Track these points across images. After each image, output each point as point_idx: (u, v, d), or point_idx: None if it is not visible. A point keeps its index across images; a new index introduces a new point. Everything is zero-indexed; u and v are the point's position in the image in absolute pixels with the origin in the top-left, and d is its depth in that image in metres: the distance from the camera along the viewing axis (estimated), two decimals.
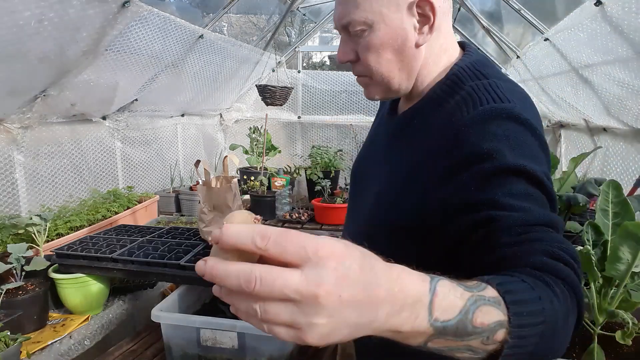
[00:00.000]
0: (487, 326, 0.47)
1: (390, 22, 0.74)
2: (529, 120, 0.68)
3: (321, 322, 0.38)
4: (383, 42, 0.75)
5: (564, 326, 0.53)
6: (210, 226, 1.49)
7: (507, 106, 0.68)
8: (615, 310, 0.95)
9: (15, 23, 1.45)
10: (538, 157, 0.67)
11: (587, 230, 1.02)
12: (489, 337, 0.48)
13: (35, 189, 2.18)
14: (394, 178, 0.81)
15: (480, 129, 0.67)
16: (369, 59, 0.78)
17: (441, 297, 0.45)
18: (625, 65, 1.84)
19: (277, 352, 1.18)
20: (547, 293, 0.52)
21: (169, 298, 1.34)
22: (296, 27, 3.99)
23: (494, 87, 0.72)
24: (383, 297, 0.41)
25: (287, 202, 3.12)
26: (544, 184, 0.65)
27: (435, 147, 0.73)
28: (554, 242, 0.59)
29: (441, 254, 0.69)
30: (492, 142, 0.65)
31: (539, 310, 0.50)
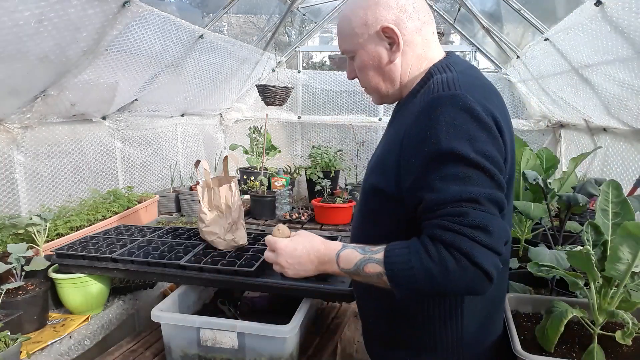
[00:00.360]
0: (372, 273, 0.87)
1: (367, 49, 0.98)
2: (470, 104, 0.82)
3: (287, 270, 0.97)
4: (365, 64, 1.00)
5: (443, 273, 0.78)
6: (210, 226, 1.49)
7: (450, 93, 0.84)
8: (615, 310, 0.95)
9: (15, 23, 1.45)
10: (476, 137, 0.81)
11: (587, 230, 1.02)
12: (379, 278, 0.86)
13: (35, 189, 2.18)
14: (379, 155, 1.02)
15: (426, 115, 0.84)
16: (360, 77, 1.04)
17: (343, 258, 0.92)
18: (625, 65, 1.84)
19: (277, 352, 1.18)
20: (420, 255, 0.80)
21: (169, 298, 1.33)
22: (296, 27, 3.99)
23: (449, 79, 0.88)
24: (308, 260, 0.96)
25: (287, 202, 3.12)
26: (477, 163, 0.80)
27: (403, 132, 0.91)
28: (455, 216, 0.79)
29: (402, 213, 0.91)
30: (434, 129, 0.82)
31: (407, 266, 0.81)
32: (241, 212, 1.50)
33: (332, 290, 1.28)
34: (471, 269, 0.77)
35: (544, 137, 3.56)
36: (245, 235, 1.53)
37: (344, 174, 3.64)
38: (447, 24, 3.70)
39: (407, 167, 0.88)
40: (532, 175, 1.34)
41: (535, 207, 1.37)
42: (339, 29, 1.03)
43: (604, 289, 1.00)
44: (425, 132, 0.83)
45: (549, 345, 0.97)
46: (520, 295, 1.22)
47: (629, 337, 0.91)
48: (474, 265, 0.76)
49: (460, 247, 0.77)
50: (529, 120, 3.56)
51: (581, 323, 1.05)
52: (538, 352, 0.98)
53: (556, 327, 0.96)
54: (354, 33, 0.98)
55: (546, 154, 1.57)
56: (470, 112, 0.82)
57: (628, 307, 0.98)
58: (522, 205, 1.38)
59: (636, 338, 1.00)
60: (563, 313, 0.97)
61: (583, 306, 1.02)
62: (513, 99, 3.69)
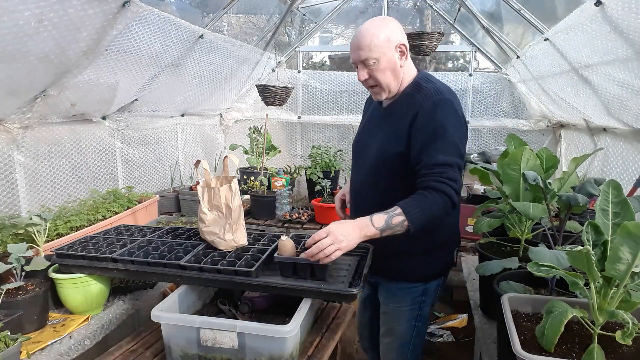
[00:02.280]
0: (397, 223, 1.31)
1: (388, 56, 1.45)
2: (454, 104, 1.44)
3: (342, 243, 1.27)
4: (386, 67, 1.46)
5: (437, 206, 1.34)
6: (210, 226, 1.49)
7: (443, 97, 1.43)
8: (615, 310, 0.95)
9: (16, 23, 1.45)
10: (456, 126, 1.42)
11: (587, 230, 1.01)
12: (402, 225, 1.31)
13: (35, 189, 2.18)
14: (389, 134, 1.52)
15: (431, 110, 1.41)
16: (379, 77, 1.48)
17: (375, 220, 1.32)
18: (625, 65, 1.84)
19: (277, 352, 1.18)
20: (425, 200, 1.34)
21: (169, 298, 1.33)
22: (296, 27, 3.99)
23: (437, 88, 1.48)
24: (353, 230, 1.30)
25: (287, 202, 3.12)
26: (455, 143, 1.40)
27: (411, 118, 1.44)
28: (438, 174, 1.35)
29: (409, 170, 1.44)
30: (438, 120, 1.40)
31: (419, 210, 1.32)
32: (241, 212, 1.50)
33: (332, 290, 1.28)
34: (448, 201, 1.35)
35: (544, 137, 3.56)
36: (245, 235, 1.53)
37: (344, 174, 3.64)
38: (447, 24, 3.70)
39: (416, 139, 1.42)
40: (532, 176, 1.34)
41: (535, 207, 1.37)
42: (364, 42, 1.44)
43: (604, 289, 1.00)
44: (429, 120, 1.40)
45: (549, 345, 0.97)
46: (520, 295, 1.22)
47: (629, 337, 0.91)
48: (450, 199, 1.35)
49: (444, 191, 1.35)
50: (529, 120, 3.56)
51: (581, 323, 1.05)
52: (538, 352, 0.97)
53: (556, 327, 0.96)
54: (380, 45, 1.43)
55: (546, 154, 1.56)
56: (454, 110, 1.43)
57: (628, 307, 0.98)
58: (522, 206, 1.38)
59: (636, 338, 1.00)
60: (563, 313, 0.97)
61: (583, 306, 1.02)
62: (513, 99, 3.69)
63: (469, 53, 3.82)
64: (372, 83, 1.50)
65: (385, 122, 1.56)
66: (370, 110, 1.72)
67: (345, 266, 1.49)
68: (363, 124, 1.75)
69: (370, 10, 4.00)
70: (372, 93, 1.56)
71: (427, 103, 1.42)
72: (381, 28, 1.44)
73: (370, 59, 1.44)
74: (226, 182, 1.52)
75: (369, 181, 1.58)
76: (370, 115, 1.70)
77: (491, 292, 1.37)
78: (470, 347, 2.95)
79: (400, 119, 1.47)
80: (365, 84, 1.52)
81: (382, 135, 1.54)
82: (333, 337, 1.41)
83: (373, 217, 1.33)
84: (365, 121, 1.74)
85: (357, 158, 1.68)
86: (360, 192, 1.63)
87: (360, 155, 1.65)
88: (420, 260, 1.57)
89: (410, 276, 1.60)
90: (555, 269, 1.03)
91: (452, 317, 3.34)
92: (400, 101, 1.52)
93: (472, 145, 3.81)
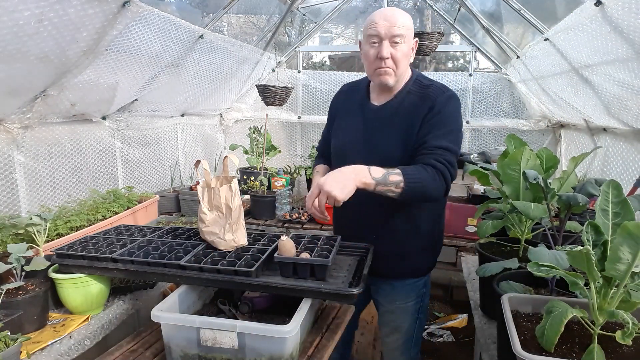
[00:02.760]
0: (393, 181, 1.37)
1: (409, 46, 1.54)
2: (458, 99, 1.57)
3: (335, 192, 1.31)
4: (406, 53, 1.54)
5: (433, 183, 1.41)
6: (210, 226, 1.49)
7: (454, 93, 1.57)
8: (615, 311, 0.95)
9: (16, 23, 1.45)
10: (460, 120, 1.57)
11: (587, 230, 1.01)
12: (397, 185, 1.38)
13: (35, 189, 2.18)
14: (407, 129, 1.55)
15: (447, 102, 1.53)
16: (399, 57, 1.51)
17: (373, 170, 1.38)
18: (625, 65, 1.84)
19: (277, 352, 1.18)
20: (424, 172, 1.41)
21: (169, 298, 1.33)
22: (296, 27, 3.99)
23: (443, 85, 1.59)
24: (347, 177, 1.35)
25: (287, 202, 3.12)
26: (458, 134, 1.55)
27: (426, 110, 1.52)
28: (439, 155, 1.45)
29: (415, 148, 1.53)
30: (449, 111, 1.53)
31: (417, 177, 1.39)
32: (241, 212, 1.50)
33: (332, 290, 1.28)
34: (443, 184, 1.44)
35: (544, 137, 3.56)
36: (246, 236, 1.53)
37: None
38: (447, 24, 3.70)
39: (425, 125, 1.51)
40: (532, 175, 1.34)
41: (535, 207, 1.37)
42: (400, 19, 1.49)
43: (604, 289, 1.00)
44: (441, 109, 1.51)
45: (549, 345, 0.97)
46: (520, 295, 1.22)
47: (629, 337, 0.91)
48: (445, 183, 1.45)
49: (442, 172, 1.43)
50: (529, 120, 3.56)
51: (581, 323, 1.05)
52: (538, 352, 0.97)
53: (556, 327, 0.96)
54: (411, 30, 1.53)
55: (546, 154, 1.56)
56: (460, 105, 1.59)
57: (628, 307, 0.98)
58: (522, 205, 1.38)
59: (636, 338, 1.00)
60: (563, 313, 0.97)
61: (583, 306, 1.02)
62: (513, 99, 3.69)
63: (469, 53, 3.82)
64: (390, 64, 1.50)
65: (396, 118, 1.58)
66: (358, 109, 1.68)
67: (345, 266, 1.49)
68: (353, 122, 1.68)
69: (370, 10, 4.00)
70: (380, 75, 1.53)
71: (441, 97, 1.52)
72: (409, 18, 1.54)
73: (401, 37, 1.47)
74: (226, 182, 1.52)
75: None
76: (363, 114, 1.67)
77: (491, 292, 1.37)
78: (470, 347, 2.95)
79: (415, 112, 1.53)
80: (383, 62, 1.49)
81: (396, 130, 1.56)
82: (333, 337, 1.41)
83: (371, 167, 1.38)
84: (356, 120, 1.68)
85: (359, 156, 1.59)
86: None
87: (367, 153, 1.59)
88: (424, 255, 1.72)
89: (417, 272, 1.72)
90: (555, 269, 1.03)
91: (452, 317, 3.34)
92: (408, 98, 1.58)
93: (472, 145, 3.81)
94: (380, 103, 1.64)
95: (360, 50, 1.64)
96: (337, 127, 1.76)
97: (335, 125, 1.77)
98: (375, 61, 1.51)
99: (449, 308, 3.56)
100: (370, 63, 1.55)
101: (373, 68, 1.54)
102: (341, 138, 1.71)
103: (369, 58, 1.55)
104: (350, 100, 1.74)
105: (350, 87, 1.82)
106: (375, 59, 1.51)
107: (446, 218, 2.65)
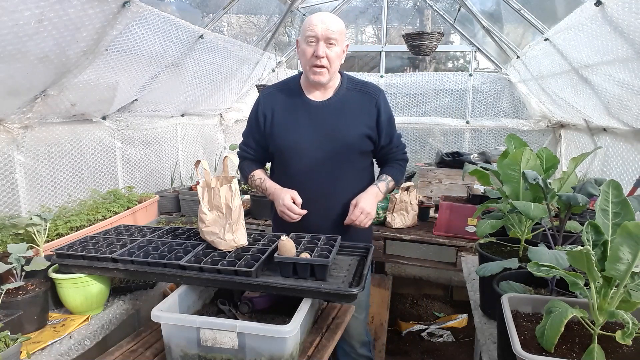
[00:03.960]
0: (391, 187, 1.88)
1: (342, 48, 1.73)
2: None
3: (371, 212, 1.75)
4: (338, 55, 1.72)
5: (404, 171, 1.95)
6: (210, 226, 1.49)
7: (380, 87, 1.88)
8: (616, 311, 0.95)
9: (16, 23, 1.45)
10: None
11: (587, 230, 1.01)
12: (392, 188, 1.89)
13: (35, 189, 2.18)
14: (355, 121, 1.77)
15: (384, 99, 1.84)
16: (333, 58, 1.68)
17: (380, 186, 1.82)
18: (625, 65, 1.84)
19: (277, 352, 1.18)
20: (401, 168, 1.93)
21: (169, 298, 1.33)
22: (296, 27, 3.99)
23: (371, 82, 1.87)
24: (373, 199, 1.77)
25: None
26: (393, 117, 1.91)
27: (374, 104, 1.80)
28: (402, 147, 1.94)
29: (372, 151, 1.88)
30: (389, 108, 1.87)
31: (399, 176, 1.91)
32: (241, 212, 1.50)
33: (332, 290, 1.28)
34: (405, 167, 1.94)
35: (544, 137, 3.56)
36: (246, 236, 1.53)
37: None
38: (447, 24, 3.70)
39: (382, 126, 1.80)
40: (532, 175, 1.34)
41: (535, 207, 1.37)
42: (334, 24, 1.66)
43: (604, 289, 1.00)
44: (386, 108, 1.83)
45: (549, 345, 0.97)
46: (520, 295, 1.22)
47: (629, 337, 0.91)
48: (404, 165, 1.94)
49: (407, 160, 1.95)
50: (529, 120, 3.56)
51: (581, 323, 1.05)
52: (538, 352, 0.97)
53: (556, 327, 0.96)
54: (343, 34, 1.72)
55: (546, 154, 1.56)
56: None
57: (628, 307, 0.98)
58: (522, 205, 1.38)
59: (636, 338, 1.00)
60: (563, 313, 0.97)
61: (583, 306, 1.02)
62: (513, 99, 3.69)
63: (469, 53, 3.82)
64: (326, 63, 1.66)
65: (342, 113, 1.77)
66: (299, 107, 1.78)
67: (345, 266, 1.49)
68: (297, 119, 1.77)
69: (370, 10, 4.01)
70: (315, 73, 1.68)
71: (380, 94, 1.82)
72: (343, 24, 1.73)
73: (335, 40, 1.65)
74: (226, 182, 1.52)
75: (339, 166, 1.77)
76: (306, 111, 1.78)
77: (491, 292, 1.37)
78: (470, 347, 2.95)
79: (362, 106, 1.79)
80: (319, 61, 1.65)
81: (344, 124, 1.76)
82: (333, 337, 1.41)
83: (378, 185, 1.80)
84: (299, 117, 1.78)
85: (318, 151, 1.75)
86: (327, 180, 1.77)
87: (325, 146, 1.75)
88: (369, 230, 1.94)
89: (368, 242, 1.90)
90: (555, 269, 1.03)
91: (452, 317, 3.34)
92: (349, 94, 1.80)
93: (472, 145, 3.81)
94: (322, 99, 1.79)
95: (297, 49, 1.79)
96: (279, 127, 1.80)
97: (275, 125, 1.80)
98: (312, 59, 1.67)
99: (449, 308, 3.56)
100: (307, 60, 1.70)
101: (309, 65, 1.69)
102: (291, 135, 1.78)
103: (306, 55, 1.69)
104: (285, 100, 1.82)
105: (276, 88, 1.88)
106: (312, 56, 1.66)
107: (446, 218, 2.67)
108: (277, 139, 1.81)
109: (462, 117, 3.83)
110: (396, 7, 4.09)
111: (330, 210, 1.80)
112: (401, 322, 3.27)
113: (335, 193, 1.78)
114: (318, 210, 1.77)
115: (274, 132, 1.81)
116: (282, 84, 1.90)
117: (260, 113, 1.84)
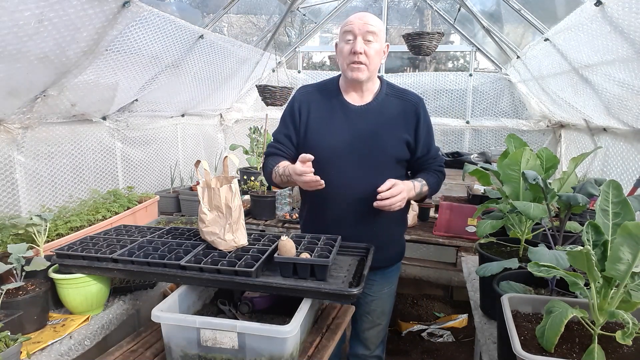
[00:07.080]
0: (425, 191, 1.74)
1: (381, 46, 1.66)
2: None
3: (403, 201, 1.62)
4: (377, 52, 1.65)
5: (439, 183, 1.82)
6: (210, 226, 1.49)
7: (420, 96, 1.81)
8: (616, 311, 0.95)
9: (16, 23, 1.45)
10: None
11: (587, 230, 1.01)
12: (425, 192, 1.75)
13: (35, 189, 2.18)
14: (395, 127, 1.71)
15: (425, 108, 1.77)
16: (372, 54, 1.62)
17: (416, 185, 1.69)
18: (625, 65, 1.84)
19: (277, 352, 1.18)
20: (436, 177, 1.80)
21: (169, 298, 1.33)
22: (296, 27, 4.00)
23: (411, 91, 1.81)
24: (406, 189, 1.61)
25: (287, 202, 3.12)
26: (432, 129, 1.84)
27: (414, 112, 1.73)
28: (440, 160, 1.84)
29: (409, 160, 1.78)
30: (429, 117, 1.79)
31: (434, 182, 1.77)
32: (241, 213, 1.50)
33: (332, 290, 1.28)
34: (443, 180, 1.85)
35: (544, 137, 3.56)
36: (246, 236, 1.53)
37: None
38: (447, 24, 3.70)
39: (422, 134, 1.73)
40: (532, 175, 1.34)
41: (535, 207, 1.37)
42: (374, 20, 1.62)
43: (604, 289, 1.00)
44: (426, 117, 1.76)
45: (549, 345, 0.97)
46: (520, 295, 1.22)
47: (629, 338, 0.90)
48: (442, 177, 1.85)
49: (444, 173, 1.85)
50: (529, 120, 3.56)
51: (581, 323, 1.05)
52: (538, 352, 0.97)
53: (556, 327, 0.96)
54: (383, 32, 1.66)
55: (546, 154, 1.56)
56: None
57: (628, 307, 0.98)
58: (522, 206, 1.38)
59: (636, 338, 1.00)
60: (563, 313, 0.97)
61: (583, 306, 1.02)
62: (513, 99, 3.69)
63: (469, 53, 3.82)
64: (364, 59, 1.60)
65: (382, 119, 1.70)
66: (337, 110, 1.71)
67: (345, 266, 1.49)
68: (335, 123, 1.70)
69: (370, 10, 4.00)
70: (354, 70, 1.62)
71: (420, 102, 1.75)
72: (382, 22, 1.71)
73: (374, 36, 1.60)
74: (226, 182, 1.52)
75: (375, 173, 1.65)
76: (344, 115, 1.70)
77: (491, 292, 1.37)
78: (470, 347, 2.95)
79: (402, 113, 1.72)
80: (357, 57, 1.59)
81: (384, 130, 1.69)
82: (333, 337, 1.41)
83: (414, 182, 1.69)
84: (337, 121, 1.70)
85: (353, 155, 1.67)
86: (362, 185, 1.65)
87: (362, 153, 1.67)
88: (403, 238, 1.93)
89: (401, 256, 1.91)
90: (555, 269, 1.03)
91: (452, 317, 3.34)
92: (388, 100, 1.73)
93: (472, 145, 3.81)
94: (361, 104, 1.72)
95: (336, 51, 1.75)
96: (315, 127, 1.72)
97: (310, 125, 1.73)
98: (350, 56, 1.61)
99: (449, 308, 3.57)
100: (344, 58, 1.64)
101: (347, 62, 1.63)
102: (327, 138, 1.69)
103: (343, 53, 1.64)
104: (322, 100, 1.74)
105: (314, 87, 1.81)
106: (350, 53, 1.61)
107: (446, 218, 2.67)
108: (311, 141, 1.72)
109: (462, 117, 3.83)
110: (396, 7, 4.09)
111: (365, 216, 1.70)
112: (401, 322, 3.27)
113: (370, 199, 1.61)
114: (353, 214, 1.70)
115: (309, 132, 1.73)
116: (320, 85, 1.82)
117: (295, 109, 1.75)
